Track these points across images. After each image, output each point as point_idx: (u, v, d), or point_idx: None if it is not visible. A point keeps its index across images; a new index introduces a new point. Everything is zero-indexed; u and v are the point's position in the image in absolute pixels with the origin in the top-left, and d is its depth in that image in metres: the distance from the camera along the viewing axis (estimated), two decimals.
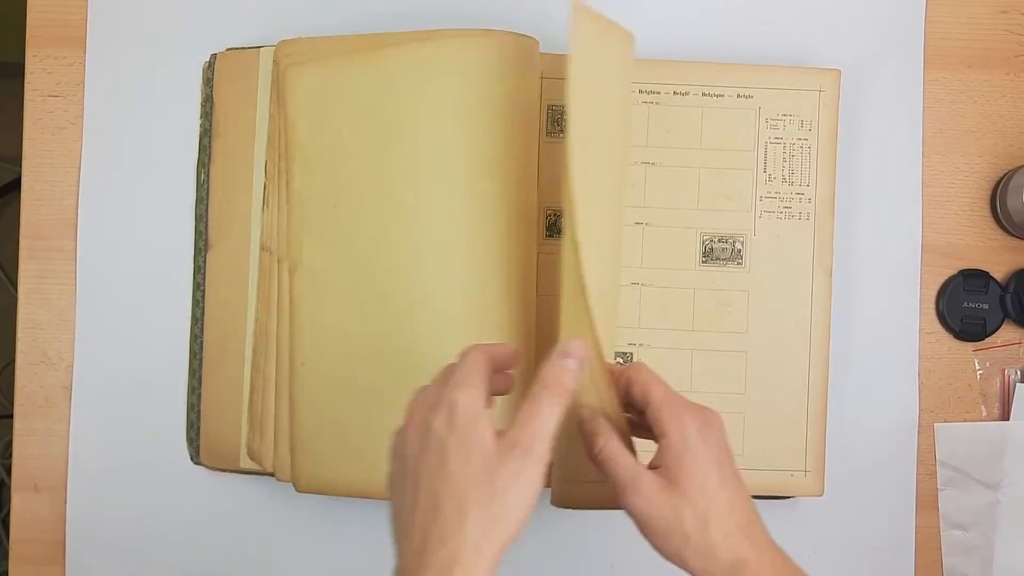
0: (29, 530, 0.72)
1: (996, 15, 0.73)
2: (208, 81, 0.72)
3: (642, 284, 0.68)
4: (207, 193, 0.72)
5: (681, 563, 0.47)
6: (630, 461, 0.49)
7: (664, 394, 0.50)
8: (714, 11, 0.72)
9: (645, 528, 0.48)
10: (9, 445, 1.34)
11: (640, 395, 0.50)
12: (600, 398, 0.51)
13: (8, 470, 1.33)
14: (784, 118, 0.68)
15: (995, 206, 0.72)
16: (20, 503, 0.72)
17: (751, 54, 0.71)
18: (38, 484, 0.73)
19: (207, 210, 0.71)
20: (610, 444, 0.49)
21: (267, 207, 0.69)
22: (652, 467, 0.49)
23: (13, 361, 0.73)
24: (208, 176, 0.72)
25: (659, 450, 0.49)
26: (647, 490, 0.47)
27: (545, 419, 0.45)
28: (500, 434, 0.45)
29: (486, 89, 0.64)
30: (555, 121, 0.68)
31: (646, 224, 0.68)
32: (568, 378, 0.47)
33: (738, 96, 0.68)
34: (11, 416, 0.74)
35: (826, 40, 0.72)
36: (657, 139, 0.68)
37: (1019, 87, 0.72)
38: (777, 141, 0.68)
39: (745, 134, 0.68)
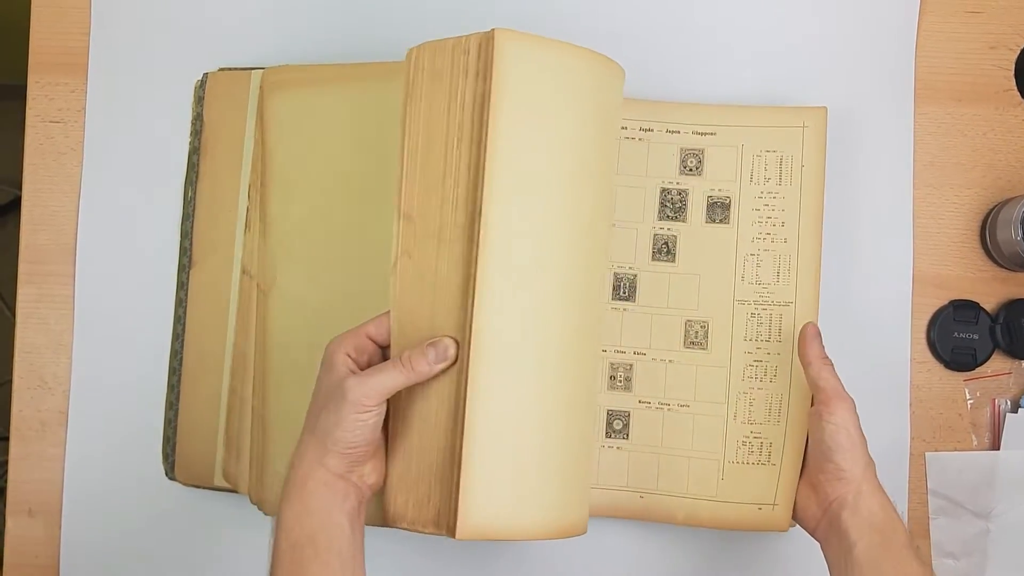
0: (23, 555, 0.72)
1: (985, 50, 0.74)
2: (199, 99, 0.73)
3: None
4: (193, 211, 0.72)
5: (838, 456, 0.61)
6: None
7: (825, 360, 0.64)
8: (706, 52, 0.74)
9: (830, 427, 0.61)
10: (1, 467, 1.33)
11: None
12: None
13: (0, 492, 1.32)
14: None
15: (985, 238, 0.73)
16: (14, 527, 0.72)
17: (744, 92, 0.72)
18: (32, 508, 0.73)
19: (192, 227, 0.72)
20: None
21: (249, 231, 0.70)
22: None
23: (5, 384, 0.74)
24: (195, 194, 0.72)
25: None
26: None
27: (383, 380, 0.56)
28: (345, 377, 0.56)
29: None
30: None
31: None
32: (423, 364, 0.57)
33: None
34: (4, 439, 0.74)
35: (819, 76, 0.73)
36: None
37: (1008, 121, 0.74)
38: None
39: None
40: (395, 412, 0.59)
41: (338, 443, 0.55)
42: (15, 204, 1.42)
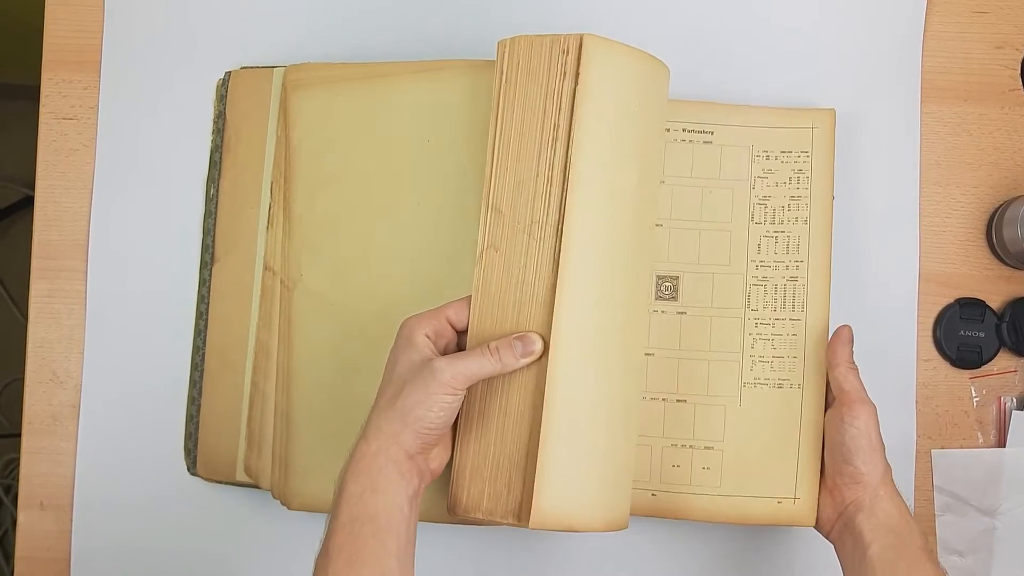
0: (34, 548, 0.73)
1: (991, 50, 0.74)
2: (222, 98, 0.73)
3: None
4: (216, 208, 0.73)
5: (858, 460, 0.62)
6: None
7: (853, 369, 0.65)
8: (712, 53, 0.74)
9: (852, 431, 0.62)
10: (9, 464, 1.34)
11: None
12: None
13: (7, 489, 1.33)
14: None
15: (991, 236, 0.73)
16: (26, 521, 0.73)
17: (750, 93, 0.73)
18: (44, 502, 0.73)
19: (215, 224, 0.72)
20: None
21: (271, 228, 0.71)
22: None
23: (14, 380, 0.74)
24: (217, 191, 0.73)
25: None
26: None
27: (471, 366, 0.56)
28: (431, 358, 0.57)
29: (487, 118, 0.65)
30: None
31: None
32: (510, 357, 0.57)
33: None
34: (12, 435, 0.74)
35: (826, 76, 0.74)
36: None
37: (1014, 120, 0.74)
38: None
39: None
40: (470, 403, 0.60)
41: (420, 421, 0.56)
42: (28, 203, 1.43)
